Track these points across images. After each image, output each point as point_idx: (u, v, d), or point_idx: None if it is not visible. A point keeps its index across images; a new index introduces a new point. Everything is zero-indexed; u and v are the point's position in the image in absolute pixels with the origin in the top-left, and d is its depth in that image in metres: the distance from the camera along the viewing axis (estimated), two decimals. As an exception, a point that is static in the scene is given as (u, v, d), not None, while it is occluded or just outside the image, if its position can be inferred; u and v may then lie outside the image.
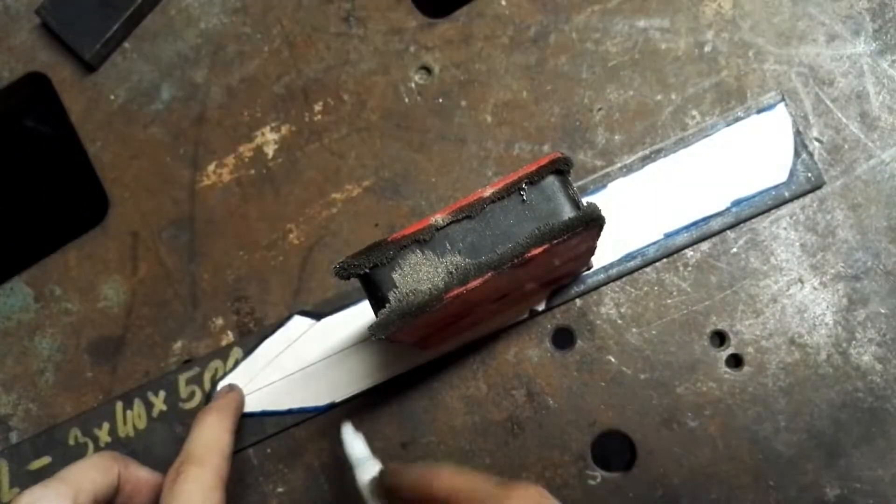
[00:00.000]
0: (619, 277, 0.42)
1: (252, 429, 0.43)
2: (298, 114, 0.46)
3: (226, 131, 0.46)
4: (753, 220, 0.42)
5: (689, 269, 0.42)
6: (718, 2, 0.44)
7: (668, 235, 0.42)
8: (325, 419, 0.43)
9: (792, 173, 0.42)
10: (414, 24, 0.46)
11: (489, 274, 0.29)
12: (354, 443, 0.38)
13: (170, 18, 0.48)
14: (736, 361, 0.41)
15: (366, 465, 0.37)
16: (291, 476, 0.42)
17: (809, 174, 0.42)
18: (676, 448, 0.40)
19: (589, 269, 0.41)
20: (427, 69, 0.46)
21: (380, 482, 0.36)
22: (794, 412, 0.40)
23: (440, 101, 0.45)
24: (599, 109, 0.44)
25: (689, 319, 0.42)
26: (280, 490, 0.42)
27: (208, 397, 0.43)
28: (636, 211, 0.42)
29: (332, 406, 0.42)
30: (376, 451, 0.42)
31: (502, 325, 0.42)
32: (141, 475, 0.38)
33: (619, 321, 0.42)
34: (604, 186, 0.43)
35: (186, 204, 0.46)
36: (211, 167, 0.46)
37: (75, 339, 0.45)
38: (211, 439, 0.37)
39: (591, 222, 0.29)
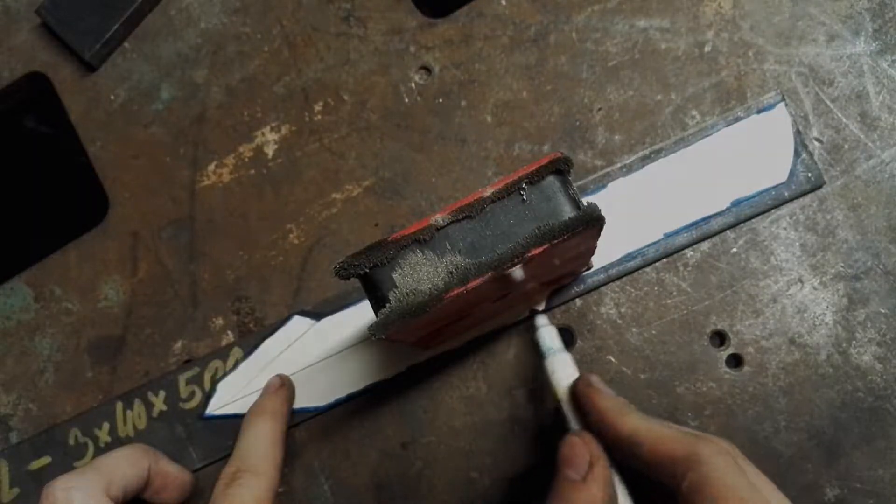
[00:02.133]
0: (619, 277, 0.42)
1: (252, 429, 0.43)
2: (298, 114, 0.46)
3: (226, 131, 0.46)
4: (753, 220, 0.42)
5: (689, 269, 0.42)
6: (718, 2, 0.44)
7: (668, 235, 0.42)
8: (324, 419, 0.43)
9: (792, 173, 0.42)
10: (414, 24, 0.46)
11: (489, 274, 0.29)
12: (547, 333, 0.39)
13: (170, 18, 0.48)
14: (736, 361, 0.41)
15: (557, 356, 0.37)
16: (291, 476, 0.42)
17: (809, 174, 0.42)
18: (676, 448, 0.40)
19: (589, 269, 0.41)
20: (427, 69, 0.46)
21: (574, 388, 0.35)
22: (794, 412, 0.40)
23: (440, 101, 0.45)
24: (599, 109, 0.44)
25: (689, 319, 0.42)
26: (280, 490, 0.42)
27: (208, 397, 0.43)
28: (636, 211, 0.42)
29: (332, 405, 0.42)
30: (376, 450, 0.42)
31: (502, 325, 0.42)
32: (170, 470, 0.40)
33: (619, 321, 0.42)
34: (604, 186, 0.43)
35: (186, 204, 0.46)
36: (211, 167, 0.46)
37: (75, 339, 0.45)
38: (268, 449, 0.38)
39: (591, 222, 0.29)
